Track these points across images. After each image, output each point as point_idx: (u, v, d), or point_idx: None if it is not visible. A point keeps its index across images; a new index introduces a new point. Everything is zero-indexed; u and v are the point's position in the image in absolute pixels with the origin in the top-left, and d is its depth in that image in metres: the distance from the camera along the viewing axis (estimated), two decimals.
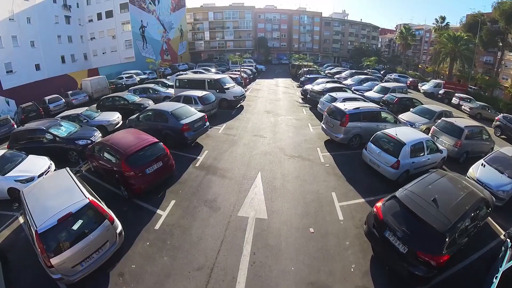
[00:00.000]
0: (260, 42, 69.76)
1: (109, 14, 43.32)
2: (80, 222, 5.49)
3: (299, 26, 73.71)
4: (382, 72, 44.81)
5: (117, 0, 42.34)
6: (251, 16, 70.40)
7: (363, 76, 29.80)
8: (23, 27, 32.97)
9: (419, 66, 67.43)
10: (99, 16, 43.91)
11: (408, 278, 5.27)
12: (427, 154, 9.54)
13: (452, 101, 26.34)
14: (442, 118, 13.18)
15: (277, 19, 73.11)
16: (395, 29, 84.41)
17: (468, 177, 9.02)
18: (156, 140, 8.80)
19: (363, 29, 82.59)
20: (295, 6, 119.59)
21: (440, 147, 10.60)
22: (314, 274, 5.72)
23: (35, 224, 5.19)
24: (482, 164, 9.63)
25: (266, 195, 8.43)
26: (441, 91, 29.36)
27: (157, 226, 7.10)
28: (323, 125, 13.08)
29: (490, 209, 6.65)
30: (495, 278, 4.65)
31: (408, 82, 36.44)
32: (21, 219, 7.90)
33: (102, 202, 6.21)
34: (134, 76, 33.47)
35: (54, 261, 5.05)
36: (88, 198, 5.68)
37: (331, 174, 9.91)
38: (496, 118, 18.92)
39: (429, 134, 12.29)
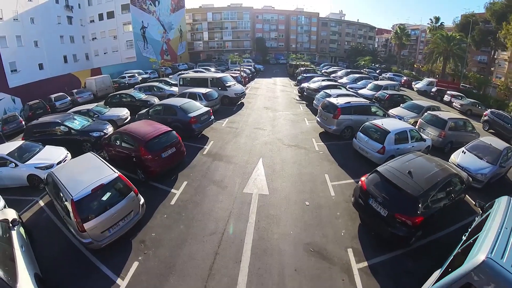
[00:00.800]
0: (258, 42, 70.78)
1: (111, 14, 44.04)
2: (110, 192, 6.45)
3: (296, 26, 74.83)
4: (378, 71, 46.02)
5: (118, 1, 43.12)
6: (249, 16, 71.42)
7: (357, 75, 30.96)
8: (26, 27, 33.58)
9: (415, 65, 68.69)
10: (101, 17, 44.64)
11: (390, 238, 6.28)
12: (411, 142, 10.56)
13: (444, 98, 27.33)
14: (428, 112, 14.26)
15: (275, 19, 74.21)
16: (391, 29, 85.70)
17: (449, 162, 10.04)
18: (170, 129, 9.86)
19: (359, 29, 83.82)
20: (292, 7, 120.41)
21: (424, 136, 11.65)
22: (310, 236, 6.76)
23: (70, 194, 5.99)
24: (463, 151, 10.63)
25: (267, 176, 9.50)
26: (433, 89, 30.34)
27: (172, 202, 8.11)
28: (318, 119, 14.16)
29: (464, 185, 7.62)
30: (464, 236, 5.68)
31: (403, 80, 37.55)
32: (41, 202, 8.68)
33: None
34: (136, 75, 34.40)
35: (86, 226, 5.88)
36: (117, 173, 6.65)
37: (324, 160, 11.00)
38: (484, 113, 19.84)
39: (416, 126, 13.36)
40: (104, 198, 6.32)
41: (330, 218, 7.40)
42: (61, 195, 6.52)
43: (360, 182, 7.08)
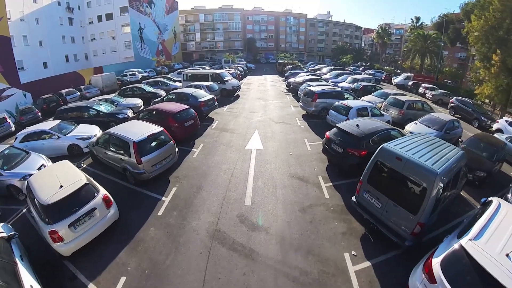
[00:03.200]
0: (249, 43, 73.90)
1: (109, 16, 46.30)
2: (157, 140, 9.45)
3: (285, 27, 78.33)
4: (361, 69, 49.89)
5: (117, 4, 45.45)
6: (240, 18, 74.41)
7: (339, 71, 34.63)
8: (32, 27, 35.48)
9: (399, 62, 72.83)
10: (99, 19, 46.79)
11: (347, 168, 9.40)
12: (371, 116, 13.79)
13: (419, 90, 31.00)
14: (390, 95, 17.64)
15: (265, 20, 77.54)
16: (377, 29, 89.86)
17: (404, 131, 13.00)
18: (189, 106, 13.01)
19: (346, 29, 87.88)
20: (281, 8, 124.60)
21: (384, 113, 14.98)
22: (293, 170, 10.02)
23: (132, 138, 8.79)
24: (415, 123, 13.77)
25: (262, 139, 12.85)
26: (410, 83, 33.92)
27: (195, 155, 11.27)
28: (301, 103, 17.61)
29: None
30: None
31: (383, 76, 41.38)
32: (83, 164, 11.01)
33: None
34: (137, 73, 36.92)
35: (143, 159, 8.71)
36: (161, 128, 9.69)
37: (304, 130, 14.43)
38: (450, 100, 22.97)
39: (381, 108, 16.66)
40: (153, 143, 9.30)
41: (307, 161, 10.70)
42: (112, 147, 9.47)
43: (326, 135, 10.31)
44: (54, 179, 6.82)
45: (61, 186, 6.51)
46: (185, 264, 6.10)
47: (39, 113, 21.40)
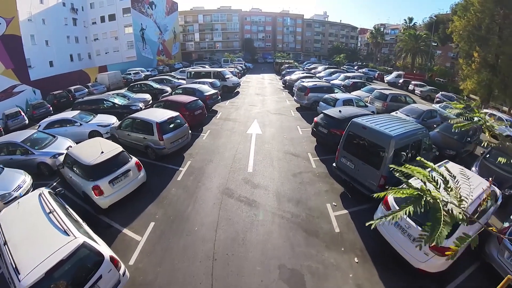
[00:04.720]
0: (247, 43, 75.71)
1: (112, 17, 47.87)
2: (174, 123, 11.30)
3: (282, 27, 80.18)
4: (355, 68, 51.99)
5: (119, 5, 47.10)
6: (238, 18, 76.22)
7: (332, 70, 36.75)
8: (39, 27, 36.89)
9: (392, 61, 74.80)
10: (102, 19, 48.28)
11: (331, 145, 11.25)
12: (357, 107, 15.73)
13: (409, 87, 33.01)
14: (376, 90, 19.61)
15: (262, 21, 79.32)
16: (372, 29, 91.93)
17: None
18: (197, 98, 14.89)
19: (342, 29, 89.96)
20: (278, 9, 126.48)
21: (369, 105, 16.92)
22: (287, 148, 12.00)
23: (155, 120, 10.62)
24: (395, 112, 15.65)
25: (261, 126, 14.85)
26: (400, 81, 35.94)
27: (203, 139, 13.21)
28: (295, 97, 19.60)
29: None
30: None
31: (376, 75, 43.48)
32: None
33: None
34: (140, 72, 38.65)
35: (164, 137, 10.58)
36: (178, 113, 11.56)
37: (297, 120, 16.46)
38: (436, 96, 25.07)
39: (368, 102, 18.58)
40: (172, 125, 11.17)
41: (299, 142, 12.71)
42: (135, 128, 11.21)
43: (314, 120, 12.28)
44: (95, 148, 8.42)
45: (102, 152, 8.13)
46: (202, 211, 7.97)
47: (51, 108, 22.88)
